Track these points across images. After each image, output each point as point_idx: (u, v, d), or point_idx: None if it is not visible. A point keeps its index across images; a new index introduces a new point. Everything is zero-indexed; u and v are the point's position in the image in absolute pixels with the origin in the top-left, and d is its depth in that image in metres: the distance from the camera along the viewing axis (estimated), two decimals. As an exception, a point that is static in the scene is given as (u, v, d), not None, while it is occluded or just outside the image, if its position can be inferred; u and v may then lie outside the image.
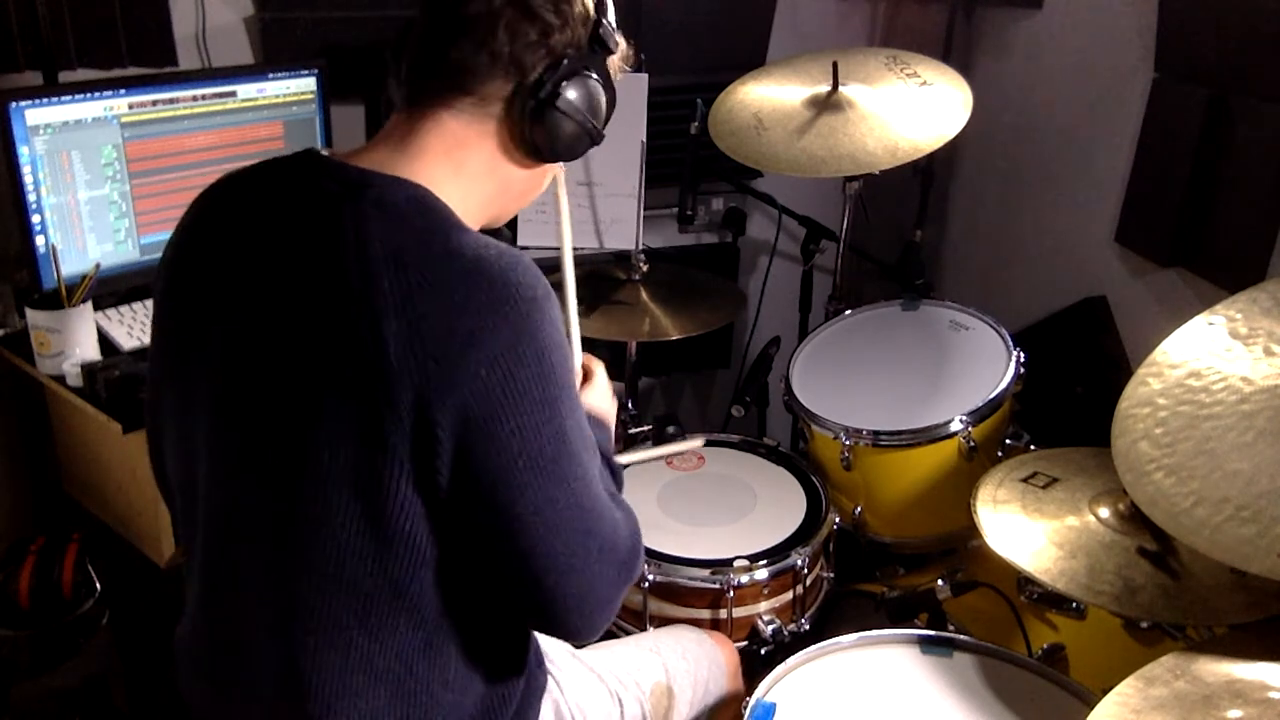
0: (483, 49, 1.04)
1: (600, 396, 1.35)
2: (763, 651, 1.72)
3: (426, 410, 0.94)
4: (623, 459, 1.58)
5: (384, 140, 1.08)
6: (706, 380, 2.95)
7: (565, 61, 1.06)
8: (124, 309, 1.98)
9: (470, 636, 1.09)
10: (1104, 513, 1.47)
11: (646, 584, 1.69)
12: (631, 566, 1.11)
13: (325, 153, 1.08)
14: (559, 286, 1.48)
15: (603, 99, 1.12)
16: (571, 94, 1.07)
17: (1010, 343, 1.92)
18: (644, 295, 2.12)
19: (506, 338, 0.96)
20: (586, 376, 1.38)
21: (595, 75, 1.10)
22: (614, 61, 1.15)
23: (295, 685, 1.04)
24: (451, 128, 1.07)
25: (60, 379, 1.79)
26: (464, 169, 1.08)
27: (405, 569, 1.01)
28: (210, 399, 1.05)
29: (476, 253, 0.98)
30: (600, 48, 1.10)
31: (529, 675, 1.22)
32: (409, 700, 1.06)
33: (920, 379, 1.95)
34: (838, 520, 1.86)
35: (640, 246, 2.14)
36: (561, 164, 1.18)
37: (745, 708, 1.36)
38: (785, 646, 1.70)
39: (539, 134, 1.08)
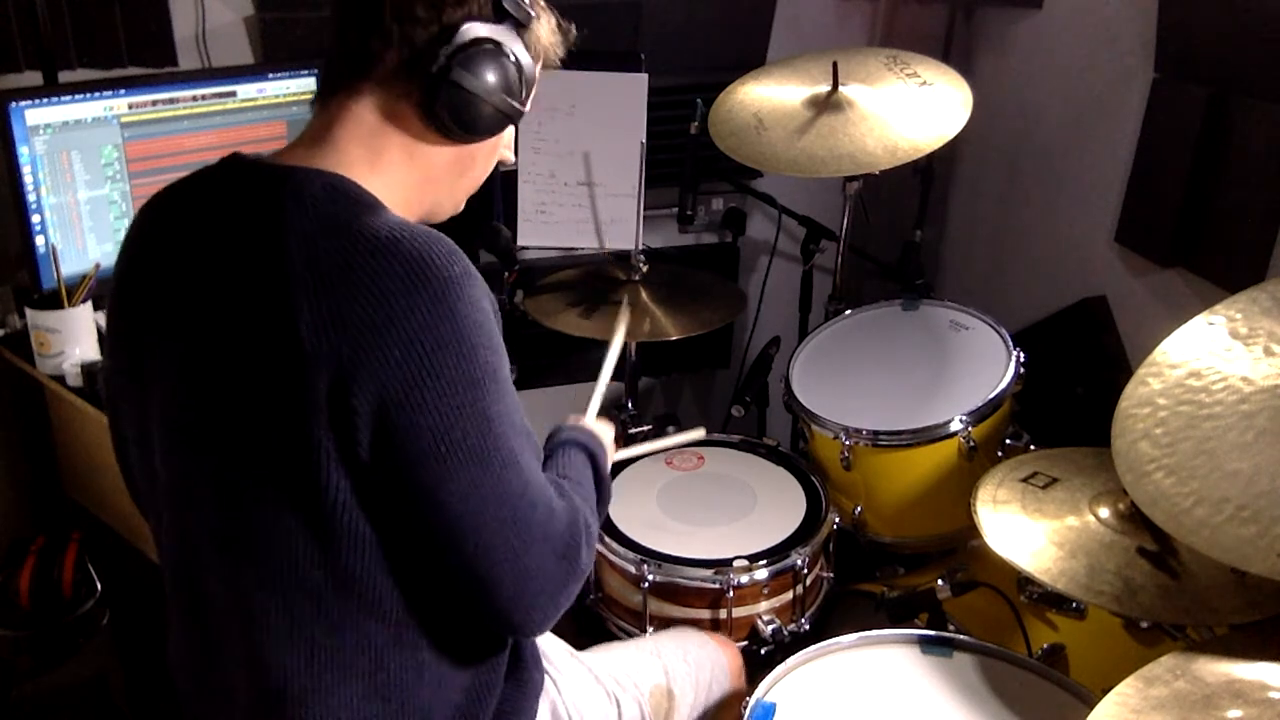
0: (374, 31, 1.03)
1: (604, 430, 1.35)
2: (763, 651, 1.72)
3: (344, 397, 0.93)
4: (626, 452, 1.58)
5: (304, 136, 1.08)
6: (706, 380, 2.95)
7: (459, 35, 1.03)
8: (124, 309, 1.98)
9: (439, 628, 1.08)
10: (1104, 513, 1.47)
11: (646, 584, 1.69)
12: (572, 559, 1.06)
13: (250, 155, 1.08)
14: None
15: (511, 72, 1.06)
16: (469, 67, 1.03)
17: (1010, 343, 1.92)
18: (644, 295, 2.12)
19: (422, 319, 0.94)
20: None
21: (502, 47, 1.05)
22: (540, 36, 1.11)
23: (267, 686, 1.04)
24: (360, 115, 1.06)
25: (60, 379, 1.80)
26: (381, 156, 1.06)
27: (353, 563, 1.00)
28: (161, 407, 1.05)
29: (391, 234, 0.96)
30: (508, 20, 1.06)
31: (524, 672, 1.21)
32: (384, 695, 1.06)
33: (920, 379, 1.95)
34: (838, 520, 1.86)
35: (640, 246, 2.14)
36: (494, 144, 1.14)
37: (745, 708, 1.36)
38: (785, 646, 1.70)
39: (440, 112, 1.05)
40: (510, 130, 1.17)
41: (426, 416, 0.95)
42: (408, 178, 1.09)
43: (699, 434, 1.74)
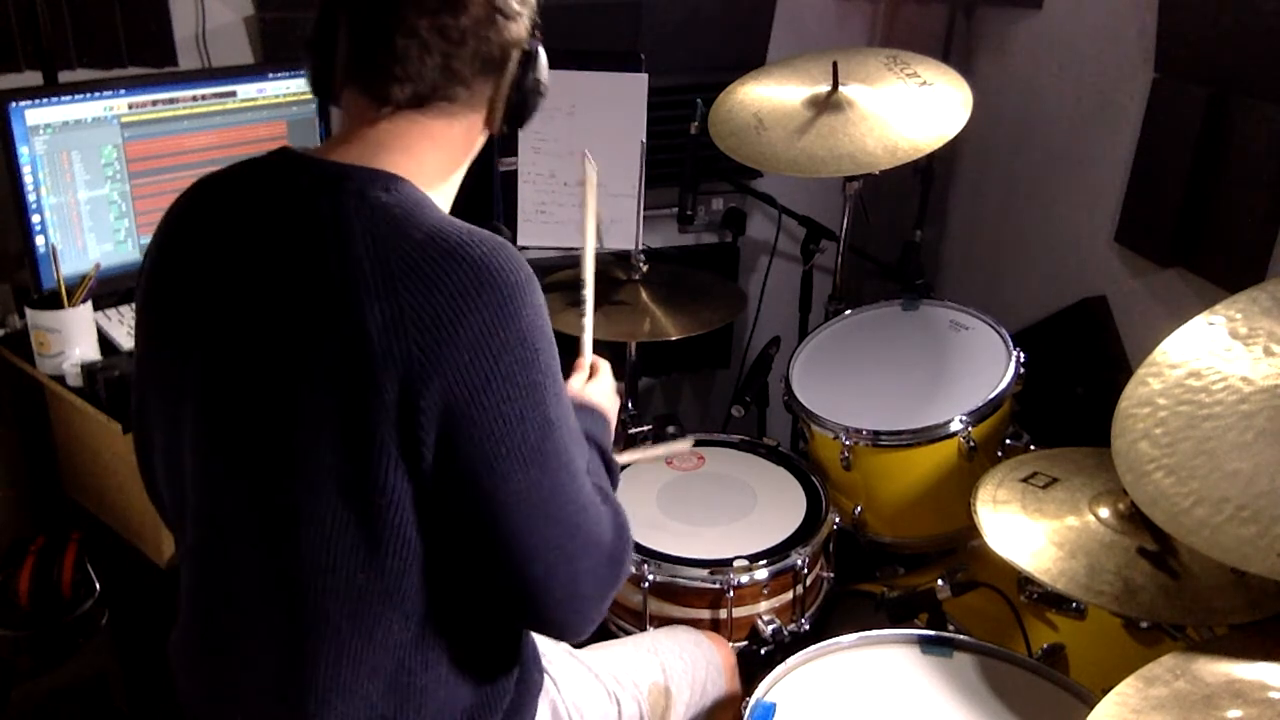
0: (475, 56, 1.04)
1: (602, 392, 1.35)
2: (763, 651, 1.72)
3: (411, 397, 0.94)
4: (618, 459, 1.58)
5: (360, 137, 1.06)
6: (706, 380, 2.95)
7: (530, 45, 1.09)
8: (124, 309, 1.98)
9: (462, 632, 1.09)
10: (1104, 513, 1.47)
11: (646, 584, 1.69)
12: (619, 563, 1.09)
13: (299, 150, 1.08)
14: (578, 285, 1.52)
15: (545, 61, 1.14)
16: (541, 75, 1.12)
17: (1010, 343, 1.92)
18: (644, 295, 2.12)
19: (489, 322, 0.96)
20: (592, 373, 1.39)
21: (540, 44, 1.12)
22: None
23: (288, 683, 1.04)
24: (439, 128, 1.08)
25: (60, 379, 1.79)
26: (443, 160, 1.10)
27: (395, 564, 1.01)
28: (196, 403, 1.05)
29: (459, 238, 0.98)
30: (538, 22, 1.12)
31: (525, 673, 1.22)
32: (402, 695, 1.06)
33: (920, 379, 1.95)
34: (838, 520, 1.86)
35: (640, 246, 2.14)
36: None
37: (745, 708, 1.35)
38: (785, 646, 1.70)
39: (518, 116, 1.12)
40: None
41: (492, 418, 0.96)
42: (452, 172, 1.13)
43: (686, 444, 1.74)
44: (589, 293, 1.49)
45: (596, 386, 1.36)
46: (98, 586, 1.90)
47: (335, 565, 1.00)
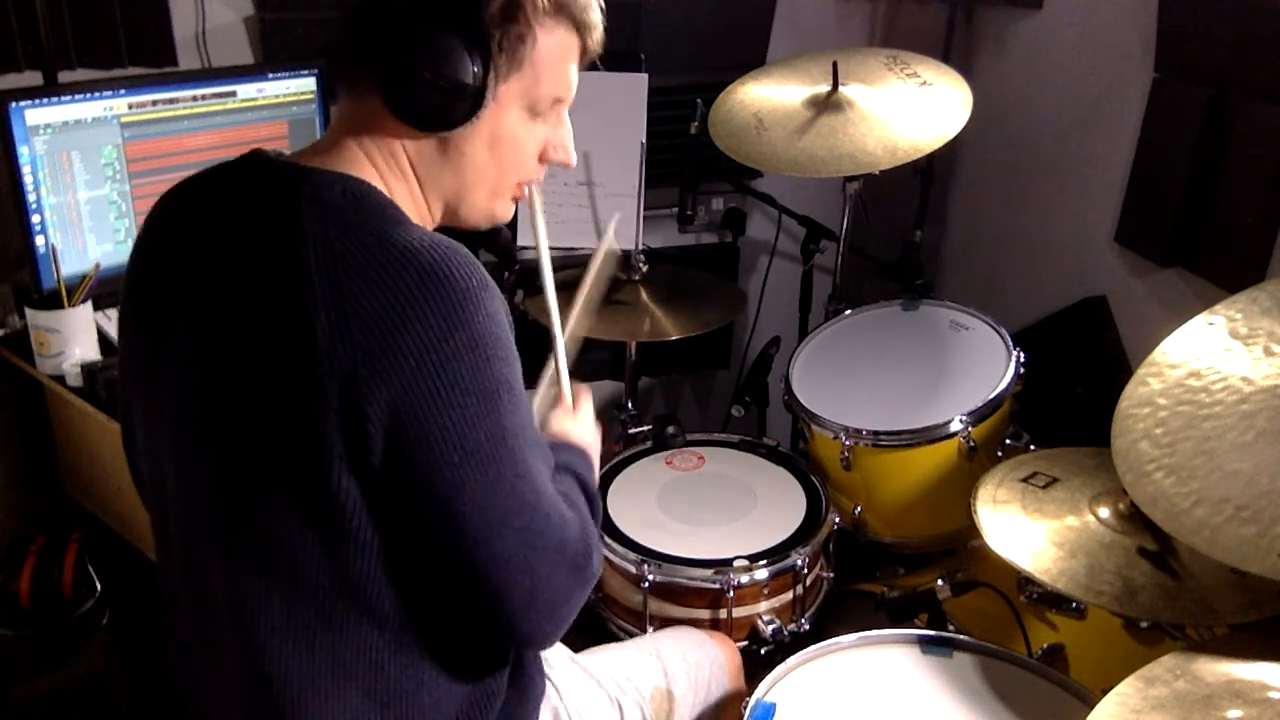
0: (353, 38, 1.04)
1: (583, 428, 1.32)
2: (763, 651, 1.72)
3: (356, 402, 0.93)
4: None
5: (322, 140, 1.09)
6: (706, 380, 2.95)
7: (406, 23, 1.00)
8: (124, 309, 1.98)
9: (440, 635, 1.08)
10: (1104, 513, 1.47)
11: (646, 584, 1.69)
12: (583, 569, 1.06)
13: (270, 154, 1.08)
14: (543, 294, 1.46)
15: (458, 47, 1.01)
16: (411, 49, 1.00)
17: (1010, 343, 1.92)
18: (644, 295, 2.12)
19: (437, 328, 0.94)
20: (575, 404, 1.36)
21: (447, 28, 1.01)
22: (528, 9, 1.06)
23: (266, 686, 1.03)
24: (357, 119, 1.07)
25: (60, 379, 1.79)
26: (377, 157, 1.07)
27: (357, 566, 1.00)
28: (172, 402, 1.06)
29: (408, 243, 0.96)
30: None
31: (527, 678, 1.21)
32: (383, 701, 1.05)
33: (920, 379, 1.95)
34: (838, 520, 1.86)
35: (640, 246, 2.14)
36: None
37: (745, 708, 1.36)
38: (785, 646, 1.70)
39: (399, 101, 1.02)
40: (557, 129, 1.21)
41: (440, 426, 0.94)
42: (410, 174, 1.09)
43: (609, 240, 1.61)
44: (558, 333, 1.42)
45: (578, 425, 1.33)
46: (98, 586, 1.90)
47: (298, 568, 1.00)
